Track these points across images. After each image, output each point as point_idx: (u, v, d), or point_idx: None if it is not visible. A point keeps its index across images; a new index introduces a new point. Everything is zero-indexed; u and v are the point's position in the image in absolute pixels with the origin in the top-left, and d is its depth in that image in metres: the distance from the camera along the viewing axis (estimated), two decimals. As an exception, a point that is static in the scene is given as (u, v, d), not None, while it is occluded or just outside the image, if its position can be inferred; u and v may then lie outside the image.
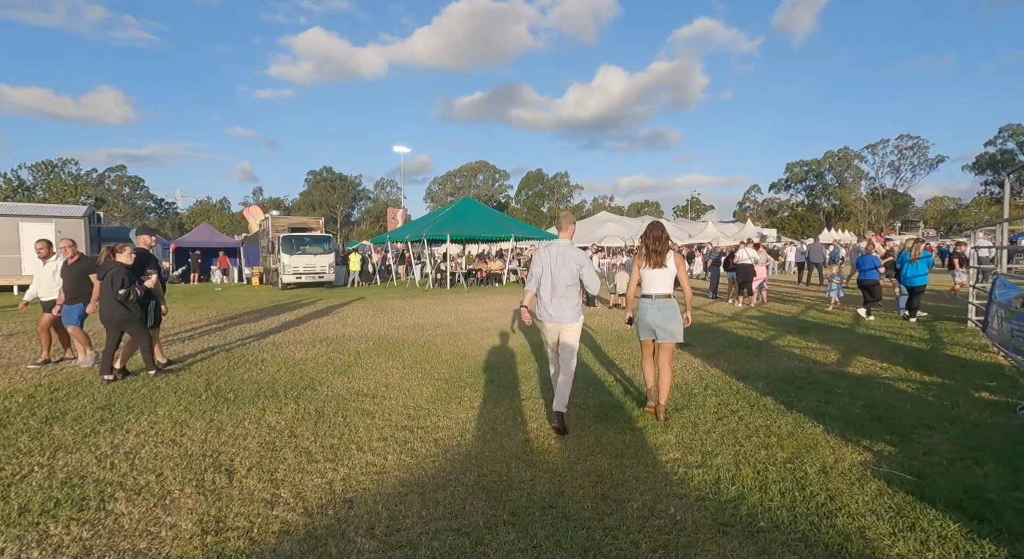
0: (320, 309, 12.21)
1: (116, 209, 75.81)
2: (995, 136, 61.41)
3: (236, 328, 9.31)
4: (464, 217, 19.62)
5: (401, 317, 10.66)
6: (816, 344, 7.04)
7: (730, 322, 9.25)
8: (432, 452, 3.41)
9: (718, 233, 36.51)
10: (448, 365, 6.08)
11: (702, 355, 6.48)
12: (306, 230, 20.20)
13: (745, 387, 4.95)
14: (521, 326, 9.05)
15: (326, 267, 18.92)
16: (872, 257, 9.74)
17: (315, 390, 5.01)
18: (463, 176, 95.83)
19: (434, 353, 6.83)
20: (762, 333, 8.00)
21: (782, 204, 78.22)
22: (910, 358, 6.01)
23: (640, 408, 4.33)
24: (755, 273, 11.92)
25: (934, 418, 3.93)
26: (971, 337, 7.25)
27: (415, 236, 18.89)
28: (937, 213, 72.73)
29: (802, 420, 3.97)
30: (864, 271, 9.68)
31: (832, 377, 5.23)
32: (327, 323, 9.86)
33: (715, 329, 8.46)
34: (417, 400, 4.65)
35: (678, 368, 5.84)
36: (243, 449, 3.46)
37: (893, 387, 4.84)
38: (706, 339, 7.56)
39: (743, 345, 7.04)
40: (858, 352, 6.43)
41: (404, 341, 7.79)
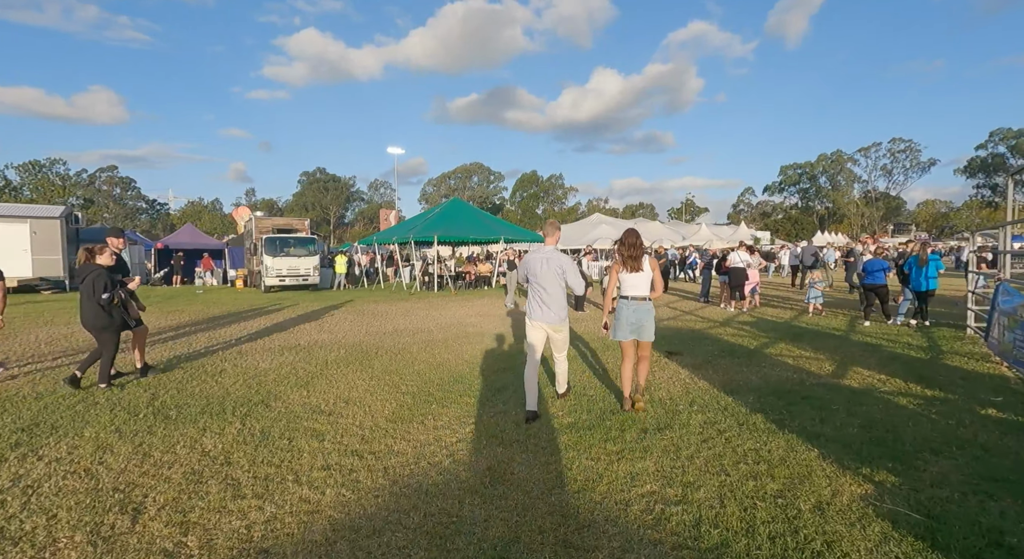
0: (299, 313, 11.77)
1: (106, 210, 74.87)
2: (986, 140, 61.82)
3: (205, 334, 8.86)
4: (453, 218, 19.21)
5: (381, 322, 10.24)
6: (810, 353, 6.70)
7: (721, 328, 8.90)
8: (378, 485, 3.01)
9: (711, 235, 36.33)
10: (419, 376, 5.68)
11: (690, 364, 6.11)
12: (291, 231, 19.73)
13: (734, 402, 4.58)
14: (508, 331, 8.67)
15: (310, 269, 18.45)
16: (880, 260, 9.44)
17: (268, 406, 4.59)
18: (457, 178, 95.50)
19: (407, 362, 6.43)
20: (754, 340, 7.66)
21: (776, 206, 78.38)
22: (909, 369, 5.67)
23: (619, 428, 3.95)
24: (748, 277, 11.60)
25: (939, 440, 3.58)
26: (971, 345, 6.93)
27: (403, 238, 18.46)
28: (929, 216, 73.13)
29: (795, 442, 3.60)
30: (872, 274, 9.37)
31: (827, 391, 4.88)
32: (302, 328, 9.43)
33: (705, 336, 8.11)
34: (376, 418, 4.25)
35: (664, 379, 5.48)
36: (164, 481, 3.04)
37: (892, 403, 4.49)
38: (696, 346, 7.20)
39: (734, 354, 6.68)
40: (854, 362, 6.08)
41: (378, 349, 7.38)
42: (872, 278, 9.32)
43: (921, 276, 8.64)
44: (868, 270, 9.41)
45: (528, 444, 3.65)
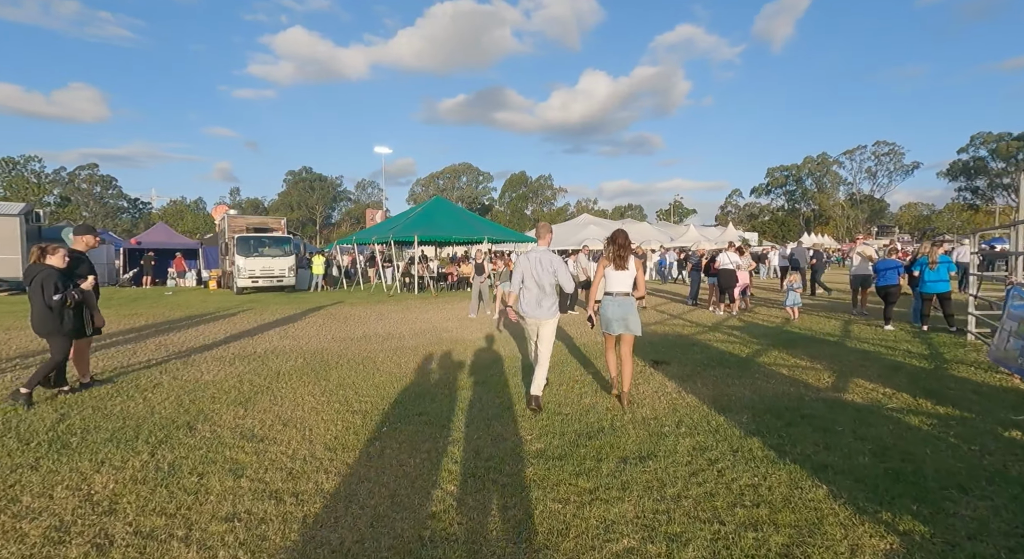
0: (265, 317, 11.06)
1: (85, 208, 72.87)
2: (967, 144, 62.66)
3: (156, 340, 8.14)
4: (435, 218, 18.56)
5: (352, 326, 9.59)
6: (806, 361, 6.21)
7: (710, 334, 8.41)
8: (287, 544, 2.40)
9: (699, 236, 36.11)
10: (377, 391, 5.07)
11: (678, 376, 5.58)
12: (266, 231, 18.94)
13: (727, 422, 4.05)
14: (486, 338, 8.08)
15: (285, 270, 17.67)
16: (892, 260, 9.04)
17: (191, 430, 3.95)
18: (446, 178, 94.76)
19: (368, 373, 5.82)
20: (745, 347, 7.16)
21: (763, 208, 78.81)
22: (914, 381, 5.20)
23: (595, 457, 3.39)
24: (737, 279, 11.15)
25: (965, 473, 3.07)
26: (975, 353, 6.50)
27: (382, 237, 17.79)
28: (912, 218, 74.11)
29: (799, 476, 3.07)
30: (883, 275, 8.96)
31: (829, 408, 4.37)
32: (264, 334, 8.75)
33: (694, 342, 7.60)
34: (314, 445, 3.64)
35: (649, 394, 4.95)
36: (14, 541, 2.40)
37: (903, 423, 3.99)
38: (684, 355, 6.68)
39: (724, 363, 6.17)
40: (854, 372, 5.60)
41: (341, 357, 6.75)
42: (884, 278, 8.92)
43: (931, 278, 8.24)
44: (880, 270, 9.01)
45: (486, 479, 3.07)
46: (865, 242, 11.71)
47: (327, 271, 19.78)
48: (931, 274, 8.21)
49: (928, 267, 8.16)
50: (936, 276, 8.15)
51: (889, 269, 8.84)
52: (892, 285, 8.82)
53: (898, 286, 8.88)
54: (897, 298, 8.84)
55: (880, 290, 9.00)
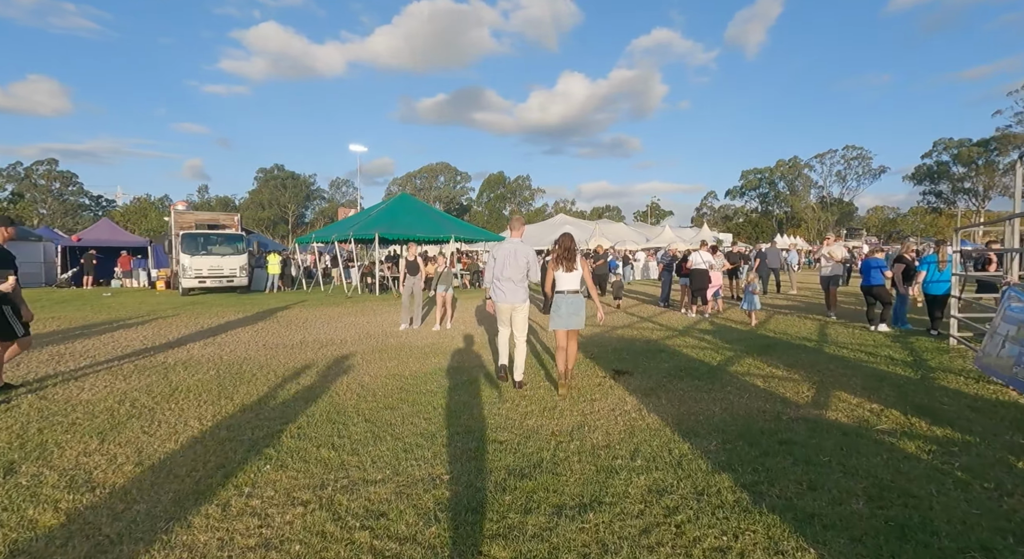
0: (202, 321, 9.99)
1: (43, 205, 69.06)
2: (931, 149, 64.59)
3: (56, 348, 7.06)
4: (399, 215, 17.63)
5: (293, 332, 8.65)
6: (782, 371, 5.60)
7: (680, 338, 7.77)
8: None
9: (675, 237, 35.98)
10: (283, 411, 4.22)
11: (640, 389, 4.88)
12: (218, 227, 17.69)
13: (692, 452, 3.34)
14: (438, 344, 7.25)
15: (236, 269, 16.48)
16: (876, 259, 8.55)
17: (11, 473, 3.04)
18: (423, 177, 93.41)
19: (283, 389, 4.95)
20: (717, 354, 6.53)
21: (737, 210, 79.95)
22: (902, 394, 4.61)
23: (522, 507, 2.63)
24: (710, 279, 10.60)
25: (987, 525, 2.41)
26: (961, 360, 6.00)
27: (342, 235, 16.77)
28: (878, 221, 76.22)
29: (779, 532, 2.36)
30: (867, 274, 8.46)
31: (811, 431, 3.71)
32: (188, 341, 7.73)
33: (662, 348, 6.94)
34: (159, 495, 2.77)
35: (604, 412, 4.24)
36: None
37: (898, 450, 3.35)
38: (650, 363, 6.00)
39: (693, 373, 5.51)
40: (836, 383, 5.00)
41: (262, 368, 5.84)
42: (868, 278, 8.43)
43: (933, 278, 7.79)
44: (864, 269, 8.53)
45: (369, 549, 2.27)
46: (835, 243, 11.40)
47: (284, 271, 18.61)
48: (938, 274, 7.77)
49: (937, 267, 7.68)
50: (942, 277, 7.71)
51: (873, 268, 8.37)
52: (877, 285, 8.35)
53: (883, 286, 8.42)
54: (887, 298, 8.37)
55: (866, 290, 8.52)
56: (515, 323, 5.07)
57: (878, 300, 8.36)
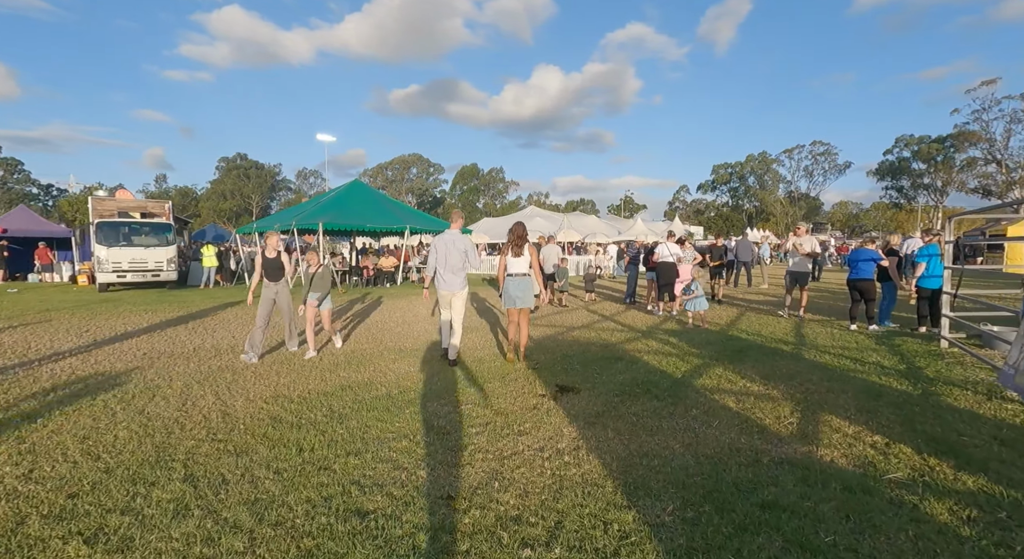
0: (89, 323, 8.47)
1: (-17, 193, 64.05)
2: (892, 146, 66.18)
3: None
4: (348, 203, 16.20)
5: (191, 336, 7.28)
6: (758, 384, 4.64)
7: (642, 341, 6.78)
8: None
9: (646, 229, 35.41)
10: (88, 456, 2.98)
11: (584, 414, 3.82)
12: (147, 216, 15.86)
13: (637, 525, 2.29)
14: (356, 354, 6.04)
15: (164, 263, 14.77)
16: (867, 250, 7.69)
17: None
18: (395, 169, 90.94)
19: (119, 420, 3.68)
20: (683, 362, 5.54)
21: (709, 204, 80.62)
22: (907, 419, 3.68)
23: None
24: (678, 273, 9.68)
25: None
26: (961, 368, 5.16)
27: (285, 225, 15.24)
28: (843, 216, 78.14)
29: None
30: (856, 267, 7.61)
31: (802, 484, 2.71)
32: (56, 346, 6.30)
33: (619, 355, 5.92)
34: None
35: (529, 455, 3.14)
36: None
37: (925, 518, 2.37)
38: (602, 375, 4.96)
39: (652, 389, 4.49)
40: (823, 403, 4.05)
41: (112, 386, 4.54)
42: (857, 271, 7.59)
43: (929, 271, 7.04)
44: (852, 261, 7.68)
45: None
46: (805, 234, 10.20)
47: (222, 264, 16.93)
48: (936, 267, 7.01)
49: (939, 260, 6.88)
50: (936, 271, 6.96)
51: (863, 261, 7.54)
52: (866, 279, 7.54)
53: (873, 280, 7.60)
54: (875, 294, 7.57)
55: (852, 284, 7.70)
56: (454, 308, 5.51)
57: (863, 296, 7.55)
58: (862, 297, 7.53)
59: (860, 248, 7.80)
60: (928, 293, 7.21)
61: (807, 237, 9.17)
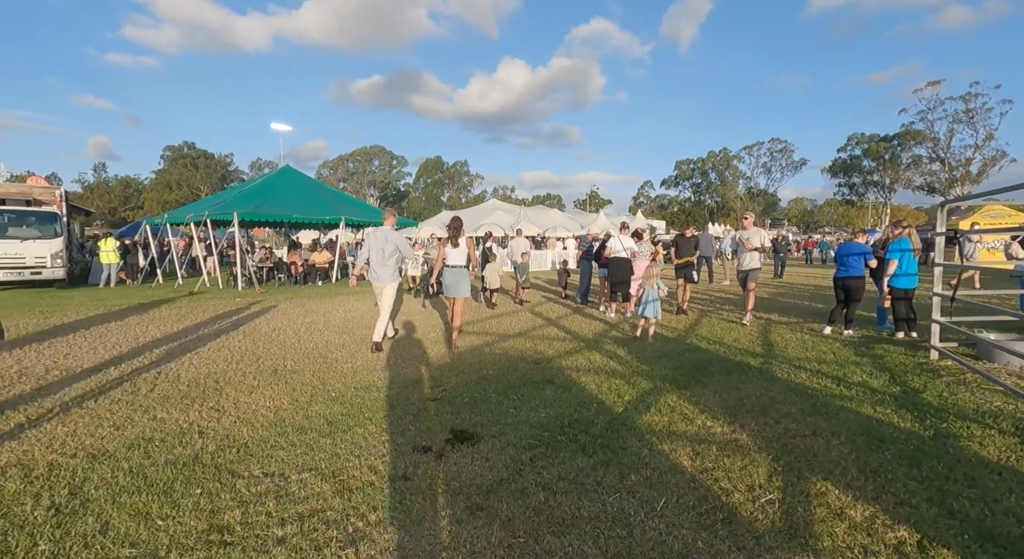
0: None
1: None
2: (845, 143, 68.22)
3: None
4: (275, 192, 14.38)
5: (34, 356, 5.56)
6: (722, 423, 3.47)
7: (584, 355, 5.55)
8: None
9: (609, 224, 34.68)
10: None
11: (472, 486, 2.53)
12: (33, 204, 13.56)
13: None
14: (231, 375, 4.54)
15: (46, 258, 12.59)
16: (857, 244, 6.66)
17: None
18: (357, 161, 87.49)
19: None
20: (627, 387, 4.33)
21: (672, 200, 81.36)
22: (931, 487, 2.56)
23: None
24: (633, 271, 8.56)
25: None
26: (963, 388, 4.16)
27: (197, 216, 13.30)
28: (798, 212, 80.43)
29: None
30: (847, 265, 6.61)
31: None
32: None
33: (552, 375, 4.66)
34: None
35: None
36: None
37: None
38: (520, 408, 3.68)
39: (578, 435, 3.24)
40: (811, 461, 2.90)
41: None
42: (845, 268, 6.58)
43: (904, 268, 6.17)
44: (841, 256, 6.67)
45: None
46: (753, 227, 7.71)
47: (126, 259, 14.77)
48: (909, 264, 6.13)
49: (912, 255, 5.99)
50: (912, 268, 6.07)
51: (853, 255, 6.55)
52: (855, 277, 6.54)
53: (862, 279, 6.60)
54: (862, 295, 6.60)
55: (841, 283, 6.71)
56: (384, 297, 5.84)
57: (849, 297, 6.59)
58: (847, 297, 6.57)
59: (849, 241, 6.84)
60: (903, 293, 6.33)
61: (754, 230, 7.67)
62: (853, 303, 6.52)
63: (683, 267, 8.66)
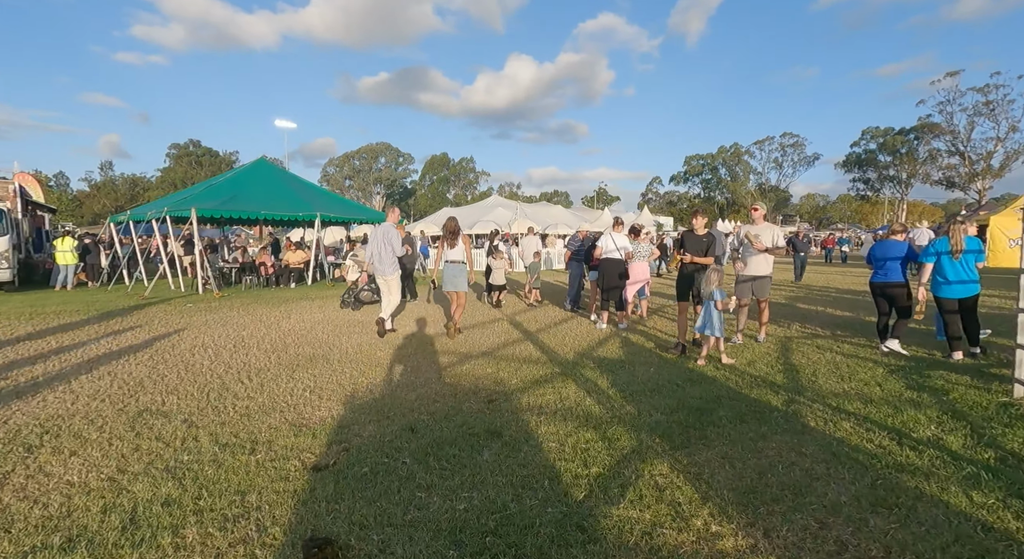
0: None
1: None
2: (859, 138, 65.94)
3: None
4: (245, 186, 13.28)
5: None
6: (734, 524, 2.24)
7: (553, 388, 4.32)
8: None
9: (625, 221, 33.32)
10: None
11: None
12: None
13: None
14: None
15: (-8, 260, 11.60)
16: (895, 242, 5.48)
17: None
18: (363, 158, 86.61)
19: None
20: (600, 444, 3.11)
21: (681, 196, 79.52)
22: None
23: None
24: (628, 274, 7.32)
25: None
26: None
27: (158, 213, 12.24)
28: (811, 208, 78.22)
29: None
30: (882, 266, 5.47)
31: None
32: None
33: (503, 421, 3.45)
34: None
35: None
36: None
37: None
38: (433, 490, 2.48)
39: (510, 551, 2.03)
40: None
41: None
42: (884, 272, 5.38)
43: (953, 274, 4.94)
44: (878, 258, 5.43)
45: None
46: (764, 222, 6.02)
47: (86, 260, 13.75)
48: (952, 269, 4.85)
49: (951, 257, 4.74)
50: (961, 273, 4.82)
51: (891, 259, 5.32)
52: (897, 283, 5.36)
53: (905, 285, 5.40)
54: (907, 302, 5.38)
55: (880, 290, 5.52)
56: (391, 288, 6.67)
57: (893, 306, 5.35)
58: (891, 307, 5.31)
59: (885, 240, 5.56)
60: (950, 305, 5.08)
61: (765, 225, 5.96)
62: (902, 318, 5.26)
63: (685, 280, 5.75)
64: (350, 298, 9.06)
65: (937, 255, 5.12)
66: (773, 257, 5.92)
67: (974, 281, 4.94)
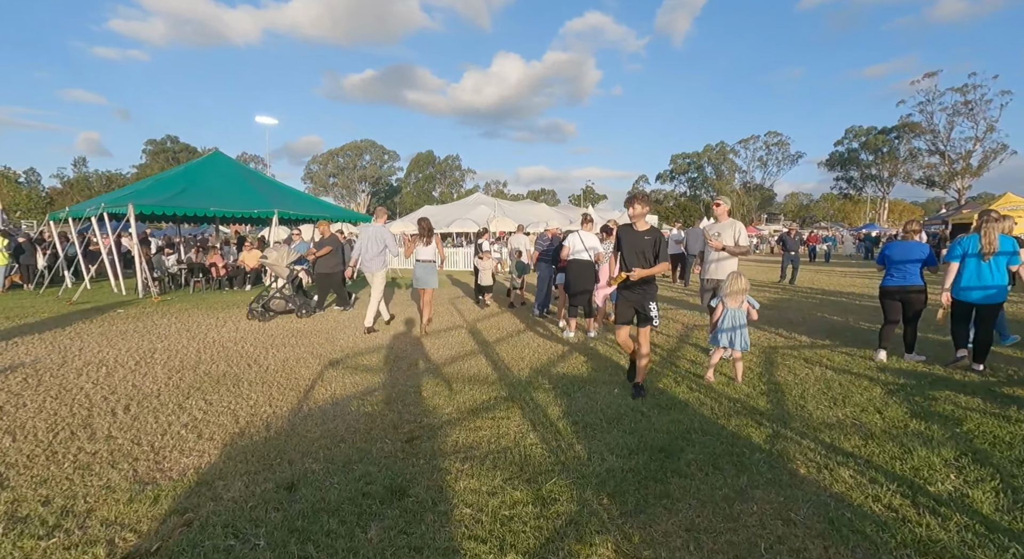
0: None
1: None
2: (842, 137, 66.36)
3: None
4: (198, 180, 12.30)
5: None
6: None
7: (492, 420, 3.58)
8: None
9: (597, 218, 32.77)
10: None
11: None
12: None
13: None
14: None
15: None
16: (915, 243, 4.86)
17: None
18: (347, 155, 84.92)
19: None
20: (531, 509, 2.38)
21: (667, 194, 79.44)
22: None
23: None
24: (598, 278, 6.61)
25: None
26: None
27: (94, 210, 11.21)
28: (794, 207, 78.75)
29: None
30: (899, 268, 4.86)
31: None
32: None
33: (418, 470, 2.70)
34: None
35: None
36: None
37: None
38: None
39: None
40: None
41: None
42: (901, 275, 4.76)
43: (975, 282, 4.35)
44: (894, 260, 4.79)
45: None
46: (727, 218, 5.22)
47: (20, 260, 12.63)
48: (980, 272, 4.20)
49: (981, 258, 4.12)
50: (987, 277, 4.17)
51: (911, 262, 4.71)
52: (915, 287, 4.78)
53: (924, 289, 4.82)
54: (923, 307, 4.83)
55: (899, 294, 4.90)
56: (375, 284, 6.83)
57: (907, 312, 4.81)
58: (907, 314, 4.70)
59: (904, 241, 4.94)
60: (964, 309, 4.48)
61: (728, 222, 5.14)
62: (911, 326, 4.66)
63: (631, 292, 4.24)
64: (258, 306, 7.78)
65: (964, 256, 4.48)
66: (736, 259, 5.13)
67: (1000, 287, 4.29)
